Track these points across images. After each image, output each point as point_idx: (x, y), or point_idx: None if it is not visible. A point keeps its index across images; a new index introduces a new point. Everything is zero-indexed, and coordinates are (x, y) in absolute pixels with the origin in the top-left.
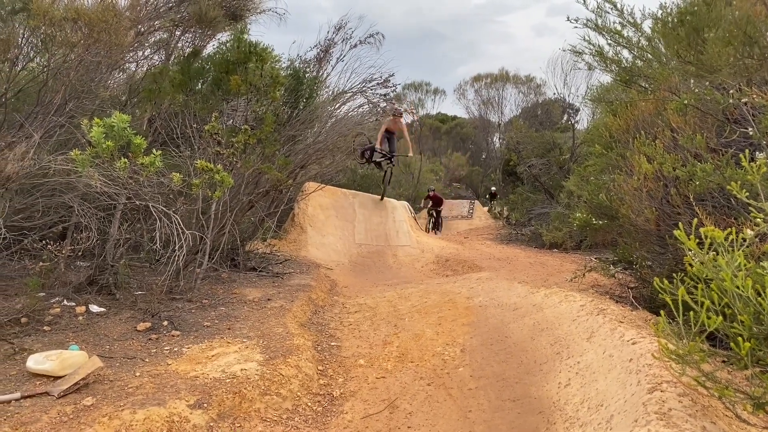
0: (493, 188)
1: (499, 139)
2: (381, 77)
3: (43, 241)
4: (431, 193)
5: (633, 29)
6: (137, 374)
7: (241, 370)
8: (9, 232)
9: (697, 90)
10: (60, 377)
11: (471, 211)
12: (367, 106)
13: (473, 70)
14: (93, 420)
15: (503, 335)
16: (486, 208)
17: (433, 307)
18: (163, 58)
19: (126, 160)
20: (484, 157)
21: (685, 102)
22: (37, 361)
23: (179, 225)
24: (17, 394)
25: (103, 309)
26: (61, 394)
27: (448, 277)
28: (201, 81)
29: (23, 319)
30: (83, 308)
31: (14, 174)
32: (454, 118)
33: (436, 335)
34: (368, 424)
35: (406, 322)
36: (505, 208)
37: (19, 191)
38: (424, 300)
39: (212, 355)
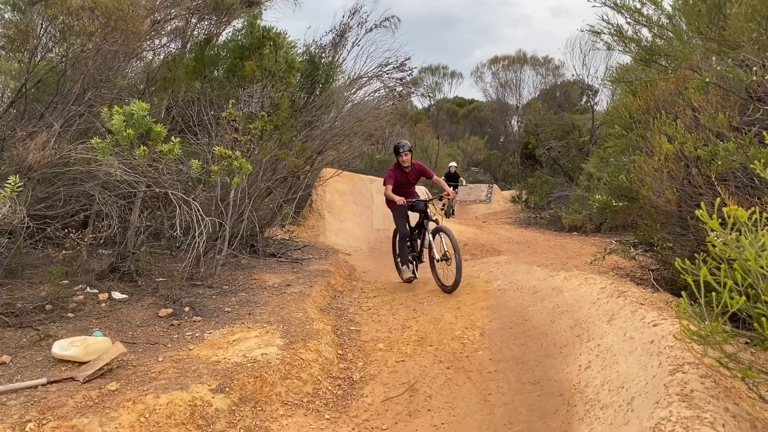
0: (453, 164)
1: (518, 122)
2: (397, 61)
3: (66, 230)
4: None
5: (653, 7)
6: (160, 359)
7: (262, 354)
8: (32, 221)
9: (719, 68)
10: (84, 363)
11: (489, 195)
12: (383, 90)
13: (490, 52)
14: (117, 404)
15: (523, 318)
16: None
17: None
18: (180, 46)
19: (146, 147)
20: (502, 140)
21: (707, 80)
22: (62, 347)
23: (199, 212)
24: (44, 380)
25: (125, 296)
26: (86, 379)
27: (466, 261)
28: (216, 68)
29: (48, 306)
30: (106, 295)
31: (36, 163)
32: (472, 101)
33: (455, 319)
34: (388, 407)
35: (425, 306)
36: (523, 192)
37: (41, 180)
38: None
39: (233, 340)
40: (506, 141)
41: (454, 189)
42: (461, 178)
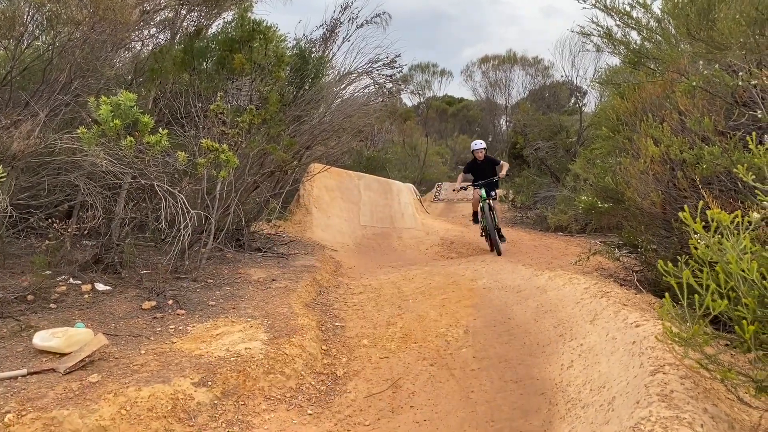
0: (479, 144)
1: (506, 121)
2: (387, 58)
3: (49, 220)
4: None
5: (642, 10)
6: (142, 352)
7: (246, 349)
8: (15, 211)
9: (706, 72)
10: (66, 354)
11: None
12: (373, 87)
13: (480, 51)
14: (98, 396)
15: (506, 317)
16: None
17: (437, 289)
18: (169, 37)
19: (132, 138)
20: (490, 139)
21: (694, 84)
22: (43, 338)
23: (184, 204)
24: (24, 371)
25: (108, 287)
26: (67, 370)
27: (452, 259)
28: (205, 60)
29: (29, 297)
30: (89, 286)
31: (20, 152)
32: (461, 100)
33: (440, 316)
34: (371, 403)
35: (410, 303)
36: (510, 191)
37: (24, 169)
38: (428, 282)
39: (217, 334)
40: (494, 140)
41: (487, 189)
42: (502, 163)
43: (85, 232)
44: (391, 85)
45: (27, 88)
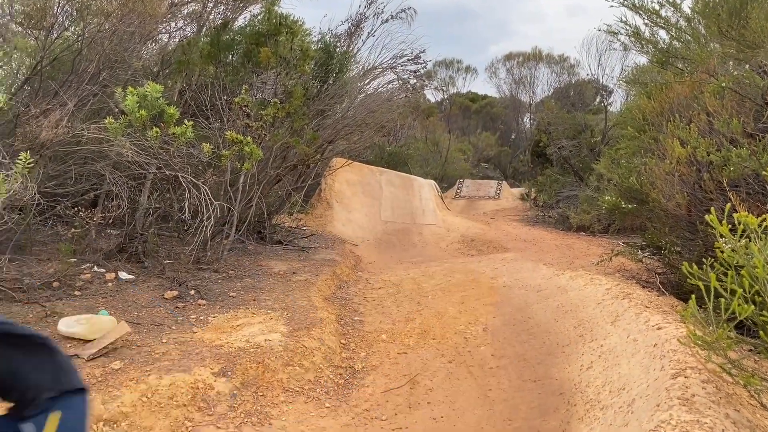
0: None
1: (530, 119)
2: (412, 53)
3: (75, 208)
4: None
5: (671, 9)
6: (164, 341)
7: (265, 340)
8: (43, 198)
9: (735, 73)
10: (89, 341)
11: (498, 191)
12: (397, 82)
13: (505, 49)
14: (120, 383)
15: (526, 316)
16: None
17: (457, 286)
18: (195, 30)
19: (158, 129)
20: (513, 137)
21: (723, 85)
22: (67, 325)
23: (208, 196)
24: None
25: (132, 276)
26: (91, 357)
27: (473, 256)
28: (231, 53)
29: (55, 284)
30: (113, 275)
31: (48, 141)
32: (485, 97)
33: (459, 314)
34: (389, 398)
35: (430, 299)
36: (532, 190)
37: (52, 158)
38: (448, 279)
39: (237, 325)
40: (517, 138)
41: None
42: None
43: (110, 222)
44: (415, 81)
45: (56, 78)
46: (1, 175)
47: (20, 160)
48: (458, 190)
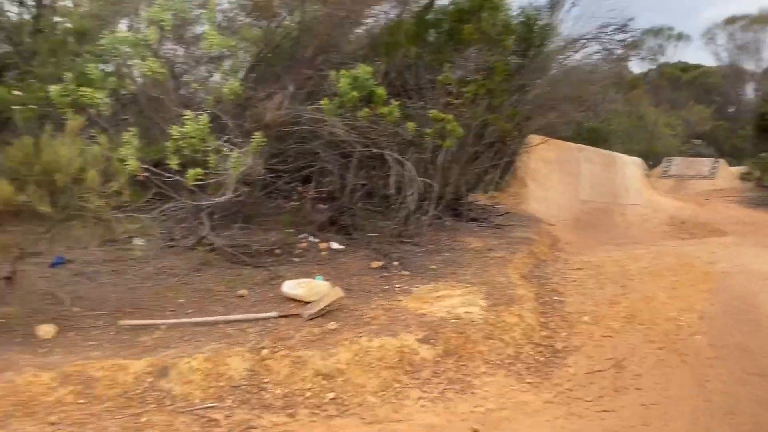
0: None
1: (754, 89)
2: (619, 22)
3: (292, 184)
4: None
5: None
6: (372, 306)
7: (465, 312)
8: (267, 174)
9: None
10: (308, 302)
11: (714, 170)
12: (601, 53)
13: (722, 13)
14: (336, 342)
15: (750, 305)
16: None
17: (667, 270)
18: (399, 12)
19: (368, 110)
20: (732, 110)
21: None
22: (290, 287)
23: (411, 172)
24: (275, 313)
25: (342, 246)
26: (310, 317)
27: (684, 240)
28: (435, 31)
29: (277, 251)
30: (326, 245)
31: (272, 122)
32: (698, 66)
33: (670, 299)
34: (593, 380)
35: (635, 283)
36: (756, 168)
37: (274, 138)
38: (656, 262)
39: (438, 296)
40: (738, 111)
41: None
42: None
43: (323, 196)
44: (621, 51)
45: (277, 64)
46: (237, 152)
47: (254, 138)
48: (666, 169)
